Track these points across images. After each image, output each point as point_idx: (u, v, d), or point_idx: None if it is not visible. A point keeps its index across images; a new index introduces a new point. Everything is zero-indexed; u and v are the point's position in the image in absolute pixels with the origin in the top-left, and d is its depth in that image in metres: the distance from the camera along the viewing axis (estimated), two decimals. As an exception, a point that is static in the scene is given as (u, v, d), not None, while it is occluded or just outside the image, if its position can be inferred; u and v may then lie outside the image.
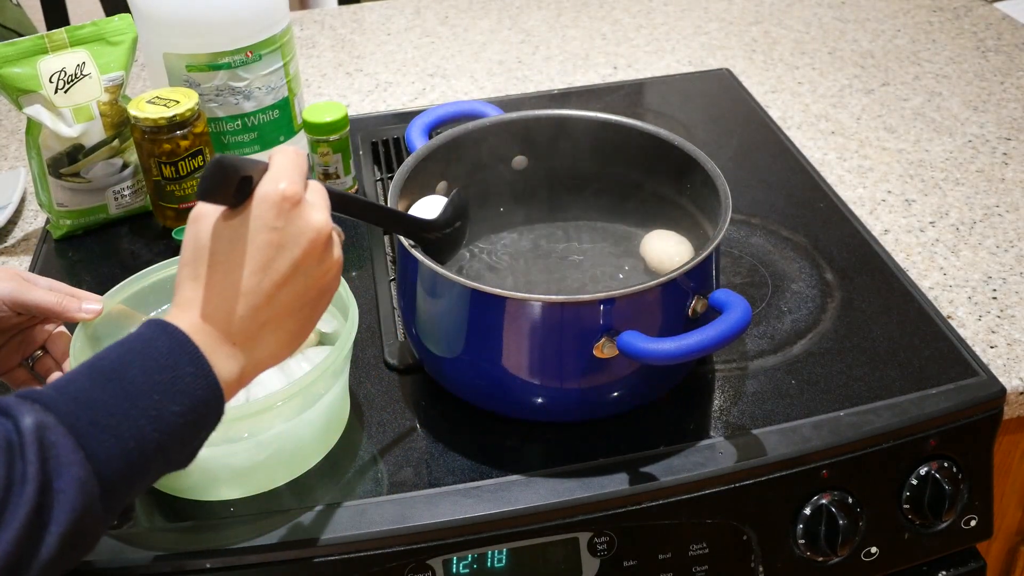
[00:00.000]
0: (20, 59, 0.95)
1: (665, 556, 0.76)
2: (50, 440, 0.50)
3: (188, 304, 0.58)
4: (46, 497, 0.50)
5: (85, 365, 0.55)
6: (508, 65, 1.39)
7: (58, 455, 0.50)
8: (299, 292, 0.60)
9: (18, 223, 1.09)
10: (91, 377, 0.54)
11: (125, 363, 0.54)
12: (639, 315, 0.72)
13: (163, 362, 0.55)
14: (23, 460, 0.49)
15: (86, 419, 0.52)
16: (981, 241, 1.00)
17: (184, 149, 0.97)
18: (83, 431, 0.51)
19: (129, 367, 0.54)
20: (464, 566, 0.73)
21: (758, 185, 1.08)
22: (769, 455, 0.76)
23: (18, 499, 0.48)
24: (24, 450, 0.49)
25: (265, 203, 0.58)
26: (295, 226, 0.59)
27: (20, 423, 0.50)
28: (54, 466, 0.50)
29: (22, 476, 0.49)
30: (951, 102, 1.25)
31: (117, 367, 0.54)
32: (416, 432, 0.79)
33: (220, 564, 0.70)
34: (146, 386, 0.54)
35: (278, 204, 0.58)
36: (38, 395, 0.52)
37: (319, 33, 1.51)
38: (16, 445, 0.49)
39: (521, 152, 0.91)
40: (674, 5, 1.55)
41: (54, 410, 0.51)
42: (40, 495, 0.49)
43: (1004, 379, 0.82)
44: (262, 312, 0.59)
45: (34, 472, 0.49)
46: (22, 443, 0.49)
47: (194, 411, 0.56)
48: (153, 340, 0.56)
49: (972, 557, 0.87)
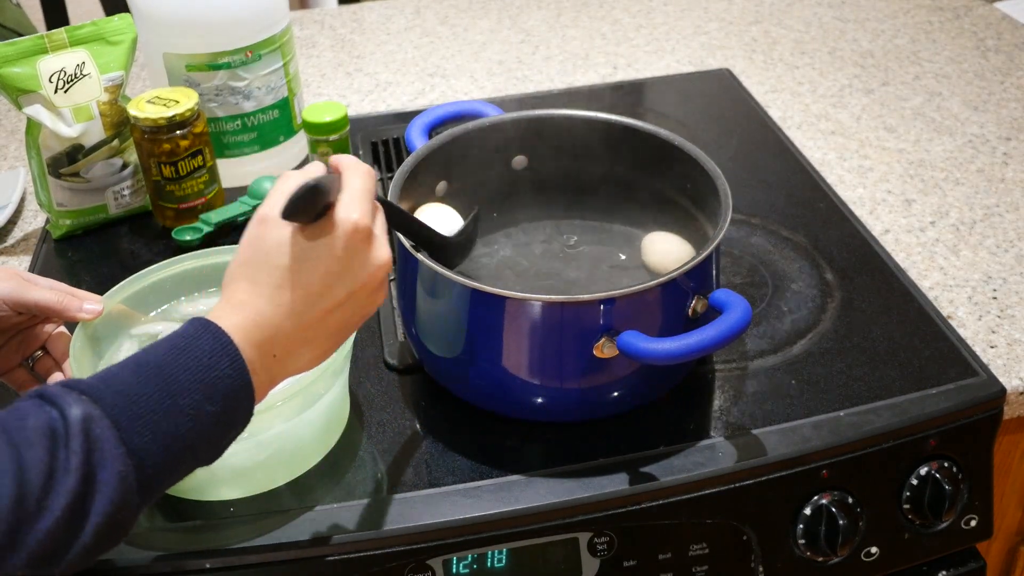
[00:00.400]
0: (20, 59, 0.95)
1: (665, 556, 0.76)
2: (96, 433, 0.51)
3: (239, 307, 0.59)
4: (88, 488, 0.51)
5: (131, 359, 0.56)
6: (508, 65, 1.39)
7: (103, 448, 0.51)
8: (346, 318, 0.62)
9: (18, 223, 1.09)
10: (136, 372, 0.55)
11: (169, 360, 0.55)
12: (639, 315, 0.72)
13: (205, 361, 0.56)
14: (67, 449, 0.50)
15: (130, 413, 0.53)
16: (981, 241, 1.00)
17: (184, 149, 0.97)
18: (126, 425, 0.53)
19: (173, 364, 0.55)
20: (464, 566, 0.73)
21: (758, 185, 1.08)
22: (769, 455, 0.76)
23: (60, 487, 0.50)
24: (69, 440, 0.51)
25: (338, 231, 0.59)
26: (360, 259, 0.60)
27: (67, 413, 0.51)
28: (98, 458, 0.51)
29: (65, 465, 0.50)
30: (951, 102, 1.25)
31: (162, 363, 0.55)
32: (416, 432, 0.79)
33: (220, 564, 0.70)
34: (188, 384, 0.55)
35: (350, 235, 0.59)
36: (85, 386, 0.53)
37: (319, 33, 1.51)
38: (61, 434, 0.51)
39: (521, 152, 0.91)
40: (674, 5, 1.55)
41: (101, 403, 0.52)
42: (82, 485, 0.50)
43: (1004, 379, 0.82)
44: (308, 332, 0.60)
45: (78, 463, 0.50)
46: (68, 433, 0.51)
47: (227, 412, 0.57)
48: (197, 338, 0.57)
49: (972, 557, 0.87)
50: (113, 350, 0.79)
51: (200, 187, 1.00)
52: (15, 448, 0.49)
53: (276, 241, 0.59)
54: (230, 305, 0.59)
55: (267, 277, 0.59)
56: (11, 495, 0.48)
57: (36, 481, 0.49)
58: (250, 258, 0.60)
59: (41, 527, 0.49)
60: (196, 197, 1.01)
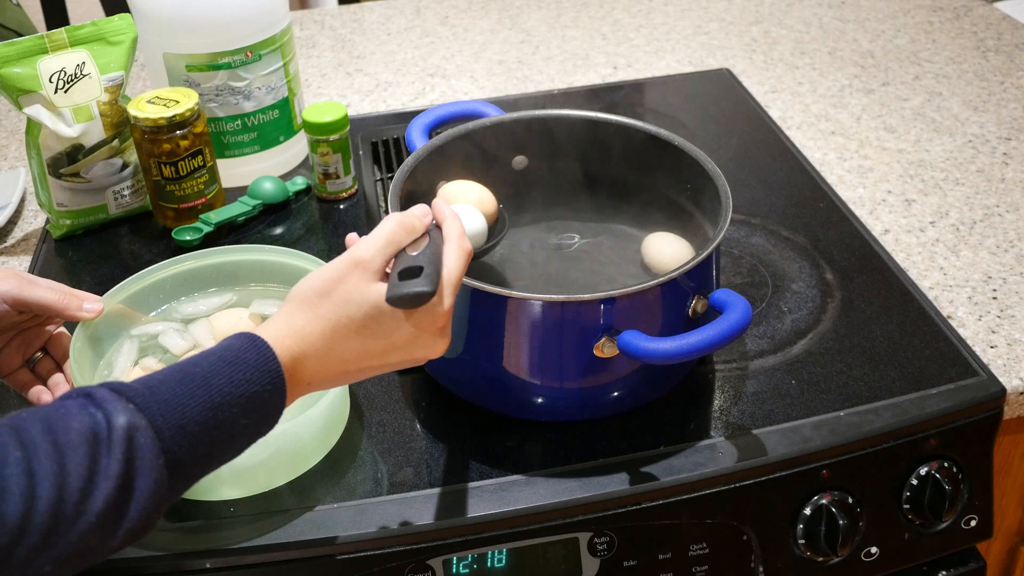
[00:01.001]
0: (20, 59, 0.95)
1: (665, 556, 0.75)
2: (139, 442, 0.52)
3: (295, 333, 0.60)
4: (126, 495, 0.52)
5: (176, 368, 0.57)
6: (508, 65, 1.39)
7: (143, 456, 0.52)
8: (383, 371, 0.63)
9: (18, 223, 1.09)
10: (182, 381, 0.55)
11: (215, 372, 0.56)
12: (639, 315, 0.72)
13: (249, 376, 0.57)
14: (109, 456, 0.51)
15: (172, 423, 0.54)
16: (981, 241, 1.00)
17: (184, 149, 0.97)
18: (167, 435, 0.53)
19: (218, 376, 0.56)
20: (464, 566, 0.73)
21: (758, 185, 1.08)
22: (769, 455, 0.76)
23: (99, 492, 0.51)
24: (112, 447, 0.51)
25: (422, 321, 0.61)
26: (426, 342, 0.62)
27: (113, 419, 0.52)
28: (138, 466, 0.52)
29: (106, 471, 0.51)
30: (951, 102, 1.25)
31: (208, 374, 0.56)
32: (416, 432, 0.79)
33: (220, 564, 0.70)
34: (230, 396, 0.56)
35: (430, 323, 0.61)
36: (132, 393, 0.54)
37: (319, 33, 1.51)
38: (104, 440, 0.51)
39: (521, 152, 0.91)
40: (674, 5, 1.55)
41: (146, 412, 0.53)
42: (120, 492, 0.51)
43: (1004, 379, 0.82)
44: (346, 376, 0.62)
45: (118, 470, 0.51)
46: (111, 438, 0.51)
47: (258, 424, 0.58)
48: (243, 351, 0.57)
49: (972, 557, 0.87)
50: (113, 350, 0.79)
51: (200, 187, 1.00)
52: (59, 451, 0.50)
53: (360, 295, 0.60)
54: (288, 327, 0.60)
55: (334, 321, 0.60)
56: (51, 498, 0.49)
57: (76, 485, 0.50)
58: (328, 294, 0.60)
59: (76, 530, 0.50)
60: (196, 197, 1.01)
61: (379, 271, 0.61)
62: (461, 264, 0.63)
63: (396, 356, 0.62)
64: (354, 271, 0.60)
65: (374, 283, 0.60)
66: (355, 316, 0.60)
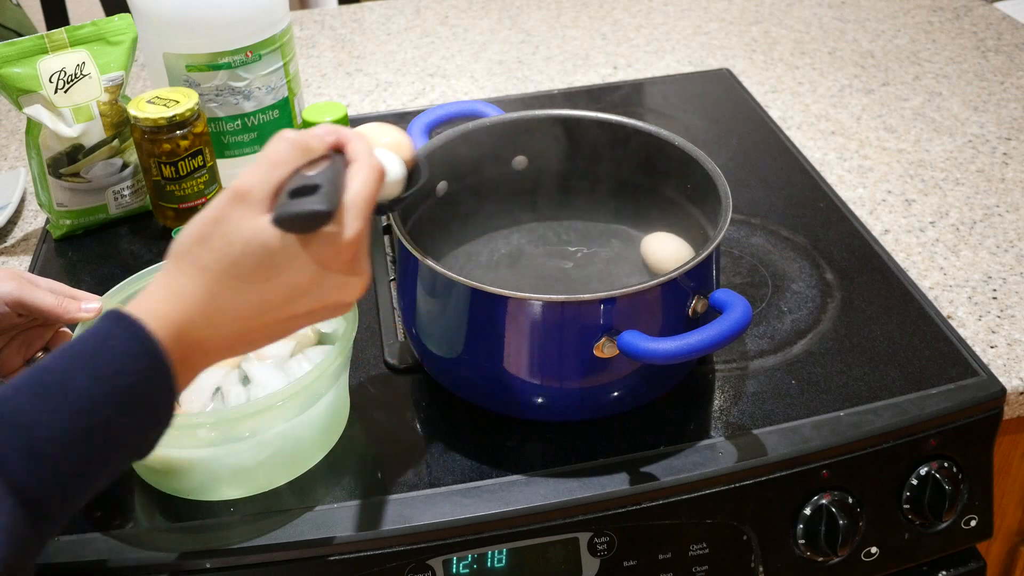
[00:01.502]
0: (20, 59, 0.95)
1: (665, 556, 0.76)
2: None
3: (176, 297, 0.49)
4: None
5: (30, 373, 0.47)
6: (508, 65, 1.39)
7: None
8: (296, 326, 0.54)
9: (18, 223, 1.09)
10: (33, 395, 0.45)
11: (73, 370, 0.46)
12: (639, 315, 0.72)
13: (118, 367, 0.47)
14: None
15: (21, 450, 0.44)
16: (981, 241, 1.00)
17: (184, 149, 0.97)
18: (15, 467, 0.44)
19: (77, 375, 0.46)
20: (464, 566, 0.73)
21: (758, 185, 1.08)
22: (769, 455, 0.76)
23: None
24: None
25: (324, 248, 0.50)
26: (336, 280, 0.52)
27: None
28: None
29: None
30: (951, 102, 1.25)
31: (63, 379, 0.46)
32: (416, 432, 0.79)
33: (220, 564, 0.70)
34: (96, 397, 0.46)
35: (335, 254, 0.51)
36: None
37: (319, 33, 1.51)
38: None
39: (521, 152, 0.91)
40: (674, 5, 1.55)
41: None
42: None
43: (1004, 379, 0.82)
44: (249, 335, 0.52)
45: None
46: None
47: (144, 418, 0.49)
48: (107, 338, 0.47)
49: (972, 557, 0.87)
50: (113, 350, 0.79)
51: (200, 187, 1.00)
52: None
53: (249, 232, 0.49)
54: (167, 291, 0.49)
55: (218, 270, 0.49)
56: None
57: None
58: (207, 239, 0.49)
59: None
60: (196, 197, 1.01)
61: (265, 201, 0.50)
62: (370, 185, 0.52)
63: (304, 304, 0.51)
64: (235, 206, 0.49)
65: (260, 215, 0.49)
66: (241, 259, 0.49)
